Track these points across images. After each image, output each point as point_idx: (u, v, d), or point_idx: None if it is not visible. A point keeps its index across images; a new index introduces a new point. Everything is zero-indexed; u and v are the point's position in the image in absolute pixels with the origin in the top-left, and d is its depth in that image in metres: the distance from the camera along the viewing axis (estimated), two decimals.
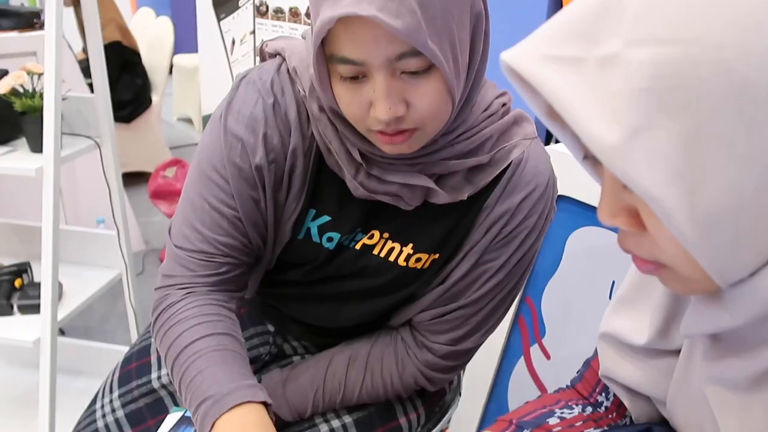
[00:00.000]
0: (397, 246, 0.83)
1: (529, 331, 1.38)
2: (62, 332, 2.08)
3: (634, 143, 0.35)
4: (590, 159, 0.46)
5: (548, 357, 1.36)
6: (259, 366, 0.96)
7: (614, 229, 1.20)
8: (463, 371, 1.31)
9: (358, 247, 0.84)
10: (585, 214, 1.21)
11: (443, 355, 0.87)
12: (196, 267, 0.80)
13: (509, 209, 0.80)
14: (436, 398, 1.01)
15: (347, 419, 0.91)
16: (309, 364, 0.90)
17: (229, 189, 0.78)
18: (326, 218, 0.82)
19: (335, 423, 0.90)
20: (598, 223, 1.18)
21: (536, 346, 1.38)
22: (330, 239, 0.83)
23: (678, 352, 0.56)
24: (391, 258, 0.83)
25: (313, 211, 0.82)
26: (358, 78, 0.66)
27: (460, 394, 1.11)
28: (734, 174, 0.35)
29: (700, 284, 0.42)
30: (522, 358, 1.41)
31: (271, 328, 1.00)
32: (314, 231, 0.83)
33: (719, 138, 0.35)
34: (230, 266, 0.81)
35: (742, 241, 0.37)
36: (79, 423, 1.01)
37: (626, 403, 0.62)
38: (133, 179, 3.26)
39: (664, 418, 0.60)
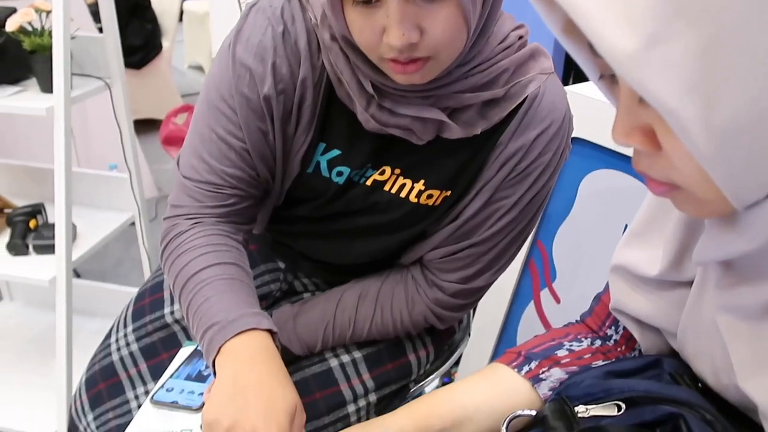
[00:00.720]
0: (409, 182, 0.82)
1: (539, 275, 1.39)
2: (78, 275, 2.11)
3: (651, 52, 0.34)
4: (606, 79, 0.45)
5: (558, 301, 1.36)
6: (270, 303, 0.97)
7: (629, 172, 1.19)
8: (473, 312, 1.32)
9: (368, 183, 0.83)
10: (599, 156, 1.20)
11: (453, 294, 0.87)
12: (204, 198, 0.80)
13: (524, 146, 0.79)
14: (446, 337, 1.02)
15: (357, 355, 0.92)
16: (319, 300, 0.91)
17: (237, 120, 0.77)
18: (336, 152, 0.81)
19: (345, 358, 0.91)
20: (612, 166, 1.17)
21: (546, 290, 1.38)
22: (340, 174, 0.82)
23: (690, 283, 0.55)
24: (402, 194, 0.83)
25: (322, 145, 0.82)
26: (371, 2, 0.64)
27: (469, 335, 1.12)
28: (754, 86, 0.34)
29: (714, 206, 0.41)
30: (532, 302, 1.42)
31: (281, 265, 1.00)
32: (324, 165, 0.82)
33: (740, 47, 0.33)
34: (238, 198, 0.81)
35: (759, 158, 0.36)
36: (94, 356, 1.03)
37: (636, 335, 0.62)
38: (144, 126, 3.26)
39: (674, 351, 0.60)
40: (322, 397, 0.88)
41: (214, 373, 0.72)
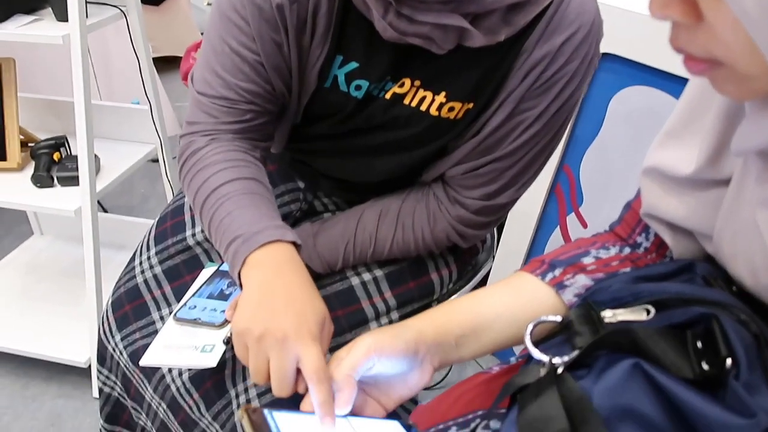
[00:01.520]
0: (429, 94, 0.79)
1: (566, 200, 1.35)
2: (104, 210, 2.13)
3: None
4: None
5: (585, 226, 1.33)
6: (290, 223, 0.96)
7: (662, 88, 1.13)
8: (498, 234, 1.30)
9: (388, 96, 0.80)
10: (630, 72, 1.14)
11: (476, 211, 0.85)
12: (219, 114, 0.78)
13: (549, 52, 0.75)
14: (469, 256, 1.00)
15: (378, 273, 0.91)
16: (340, 218, 0.90)
17: (250, 31, 0.75)
18: (354, 65, 0.78)
19: (366, 276, 0.90)
20: (644, 82, 1.12)
21: (573, 215, 1.35)
22: (358, 87, 0.79)
23: (727, 182, 0.52)
24: (423, 107, 0.80)
25: (339, 58, 0.78)
26: None
27: (493, 257, 1.11)
28: None
29: (758, 83, 0.38)
30: (558, 227, 1.39)
31: (301, 184, 0.98)
32: (341, 79, 0.79)
33: None
34: (254, 114, 0.79)
35: None
36: (119, 280, 1.04)
37: (668, 240, 0.60)
38: (165, 64, 3.23)
39: (707, 255, 0.58)
40: (344, 314, 0.88)
41: (240, 286, 0.72)
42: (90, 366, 1.56)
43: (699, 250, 0.58)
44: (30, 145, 1.60)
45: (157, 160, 1.79)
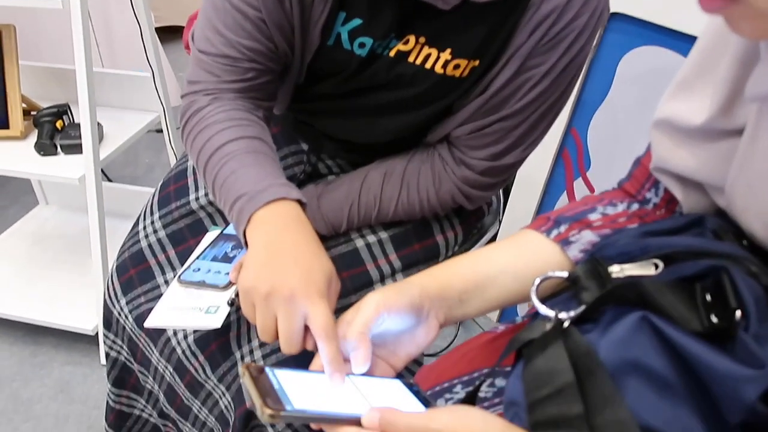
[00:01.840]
0: (434, 52, 0.78)
1: (573, 165, 1.34)
2: (109, 180, 2.13)
3: None
4: None
5: (592, 190, 1.32)
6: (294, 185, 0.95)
7: (673, 47, 1.10)
8: (505, 197, 1.29)
9: (392, 54, 0.78)
10: (640, 32, 1.12)
11: (482, 172, 0.84)
12: (221, 72, 0.77)
13: (557, 6, 0.73)
14: (474, 219, 0.99)
15: (383, 235, 0.90)
16: (344, 180, 0.89)
17: None
18: (357, 21, 0.77)
19: (371, 238, 0.89)
20: (654, 42, 1.09)
21: (580, 179, 1.34)
22: (362, 45, 0.78)
23: (740, 132, 0.51)
24: (428, 65, 0.78)
25: (342, 14, 0.77)
26: None
27: (500, 222, 1.10)
28: None
29: None
30: (564, 192, 1.38)
31: (304, 146, 0.97)
32: (345, 36, 0.78)
33: None
34: (256, 72, 0.78)
35: None
36: (124, 244, 1.03)
37: (678, 195, 0.58)
38: (168, 34, 3.19)
39: (718, 210, 0.57)
40: (348, 276, 0.87)
41: (246, 245, 0.71)
42: (97, 333, 1.57)
43: (709, 204, 0.57)
44: (32, 113, 1.59)
45: (161, 131, 1.78)
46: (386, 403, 0.50)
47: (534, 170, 1.38)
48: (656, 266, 0.53)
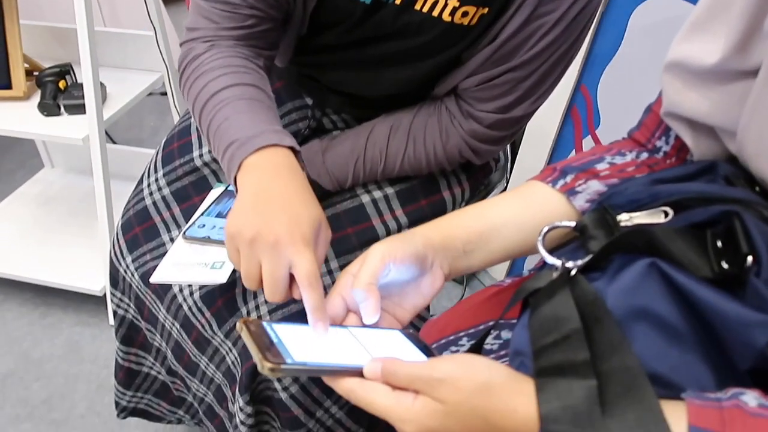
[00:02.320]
0: None
1: (582, 122, 1.32)
2: (114, 141, 2.12)
3: None
4: None
5: None
6: (299, 141, 0.94)
7: None
8: (513, 155, 1.27)
9: (398, 1, 0.76)
10: None
11: (490, 125, 0.82)
12: (220, 19, 0.75)
13: None
14: (482, 175, 0.98)
15: (389, 190, 0.89)
16: (349, 134, 0.87)
17: None
18: None
19: (377, 194, 0.88)
20: None
21: (589, 137, 1.31)
22: None
23: (754, 73, 0.49)
24: (435, 12, 0.76)
25: None
26: None
27: (508, 180, 1.08)
28: None
29: None
30: (573, 150, 1.36)
31: (309, 101, 0.96)
32: None
33: None
34: (256, 19, 0.76)
35: None
36: (128, 202, 1.03)
37: (689, 141, 0.57)
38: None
39: (730, 156, 0.55)
40: (354, 232, 0.86)
41: (237, 192, 0.70)
42: (105, 294, 1.58)
43: (721, 150, 0.56)
44: (35, 73, 1.57)
45: (165, 93, 1.76)
46: (388, 354, 0.50)
47: (542, 128, 1.36)
48: (666, 214, 0.52)
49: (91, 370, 1.51)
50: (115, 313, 1.09)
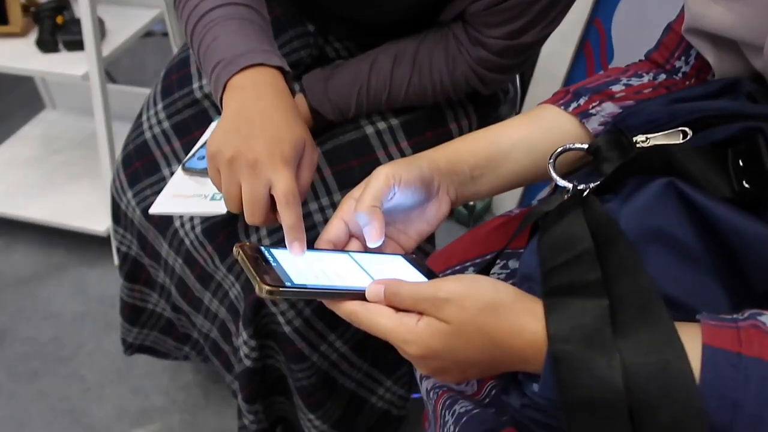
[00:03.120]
0: None
1: (595, 58, 1.27)
2: (114, 81, 2.08)
3: None
4: None
5: None
6: (301, 71, 0.91)
7: None
8: (522, 90, 1.23)
9: None
10: None
11: (498, 51, 0.79)
12: None
13: None
14: (490, 107, 0.95)
15: (394, 122, 0.86)
16: (352, 63, 0.84)
17: None
18: None
19: (381, 125, 0.86)
20: None
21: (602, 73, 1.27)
22: None
23: None
24: None
25: None
26: None
27: (517, 113, 1.05)
28: None
29: None
30: None
31: (311, 28, 0.92)
32: None
33: None
34: None
35: None
36: (128, 136, 1.01)
37: (711, 59, 0.54)
38: None
39: (754, 74, 0.52)
40: (358, 164, 0.84)
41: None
42: (110, 235, 1.57)
43: (745, 68, 0.52)
44: (32, 9, 1.53)
45: (167, 34, 1.72)
46: (390, 278, 0.48)
47: (553, 64, 1.32)
48: (684, 134, 0.50)
49: (98, 309, 1.51)
50: (118, 249, 1.08)
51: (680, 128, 0.50)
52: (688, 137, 0.49)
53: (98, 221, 1.57)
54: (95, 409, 1.31)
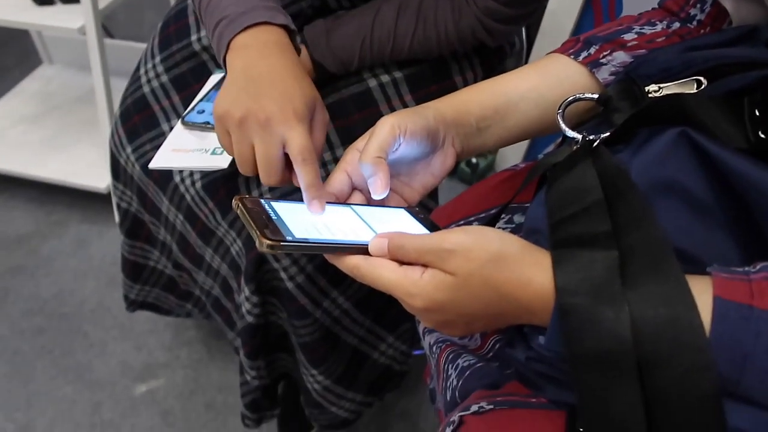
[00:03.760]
0: None
1: (603, 12, 1.24)
2: (111, 36, 2.04)
3: None
4: None
5: None
6: (301, 22, 0.88)
7: None
8: (529, 44, 1.20)
9: None
10: None
11: (506, 2, 0.76)
12: None
13: None
14: (496, 60, 0.93)
15: (397, 74, 0.84)
16: (355, 14, 0.81)
17: None
18: None
19: (384, 78, 0.84)
20: None
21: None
22: None
23: None
24: None
25: None
26: None
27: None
28: None
29: None
30: None
31: None
32: None
33: None
34: None
35: None
36: (126, 90, 0.99)
37: (729, 5, 0.52)
38: None
39: None
40: (361, 118, 0.83)
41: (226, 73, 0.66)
42: (111, 192, 1.56)
43: (764, 15, 0.50)
44: None
45: None
46: (393, 231, 0.47)
47: (560, 17, 1.29)
48: (699, 84, 0.48)
49: (99, 266, 1.51)
50: (118, 206, 1.07)
51: (694, 77, 0.48)
52: (703, 86, 0.48)
53: (98, 178, 1.56)
54: (99, 365, 1.32)
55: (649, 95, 0.49)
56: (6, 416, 1.23)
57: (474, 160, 1.69)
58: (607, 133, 0.48)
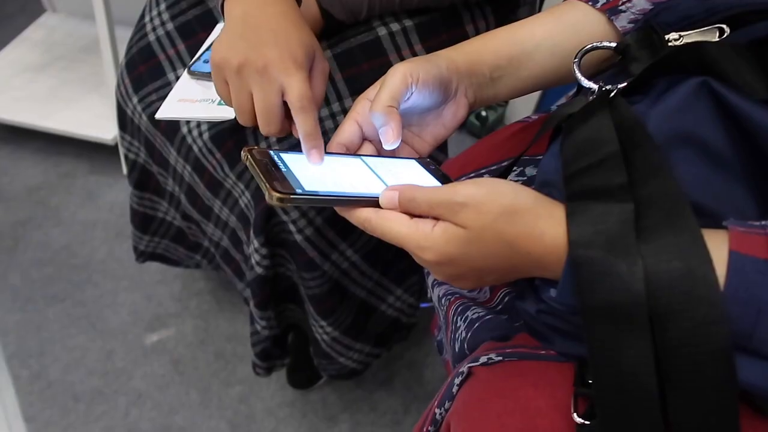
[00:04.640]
0: None
1: None
2: None
3: None
4: None
5: None
6: None
7: None
8: None
9: None
10: None
11: None
12: None
13: None
14: (508, 9, 0.90)
15: (408, 23, 0.82)
16: None
17: None
18: None
19: (394, 26, 0.82)
20: None
21: None
22: None
23: None
24: None
25: None
26: None
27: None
28: None
29: None
30: None
31: None
32: None
33: None
34: None
35: None
36: (131, 39, 0.97)
37: None
38: None
39: None
40: (370, 68, 0.81)
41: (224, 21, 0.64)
42: (118, 144, 1.56)
43: None
44: None
45: None
46: (405, 183, 0.46)
47: None
48: (721, 32, 0.46)
49: (108, 218, 1.52)
50: (126, 157, 1.07)
51: (717, 25, 0.46)
52: (726, 34, 0.46)
53: (105, 129, 1.55)
54: (110, 315, 1.34)
55: (669, 44, 0.47)
56: (21, 362, 1.26)
57: (483, 112, 1.66)
58: (625, 83, 0.47)
